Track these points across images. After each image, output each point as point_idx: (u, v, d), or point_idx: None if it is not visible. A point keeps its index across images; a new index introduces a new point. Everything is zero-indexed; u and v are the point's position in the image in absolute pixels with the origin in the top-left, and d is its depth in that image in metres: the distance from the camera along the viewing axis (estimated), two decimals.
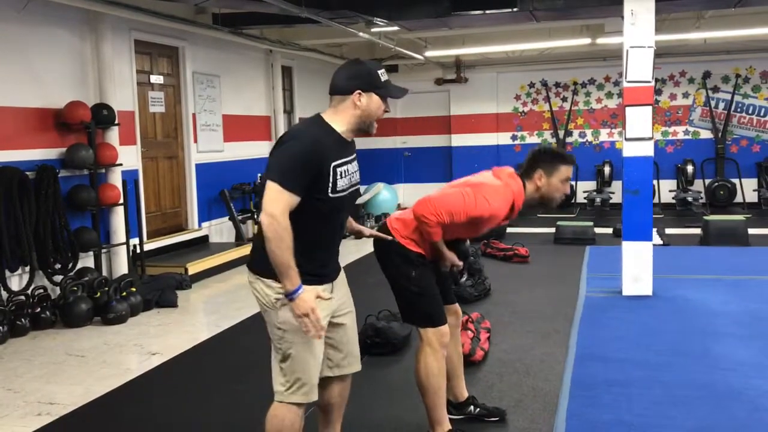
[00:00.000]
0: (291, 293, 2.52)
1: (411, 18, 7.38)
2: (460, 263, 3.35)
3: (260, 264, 2.68)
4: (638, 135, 6.03)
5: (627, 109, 6.04)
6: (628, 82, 6.00)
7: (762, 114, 12.02)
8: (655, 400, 3.82)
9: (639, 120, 6.01)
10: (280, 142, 2.65)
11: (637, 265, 6.14)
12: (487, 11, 7.16)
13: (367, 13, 7.27)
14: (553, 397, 3.92)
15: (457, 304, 3.54)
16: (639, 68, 5.93)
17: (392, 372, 4.46)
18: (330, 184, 2.61)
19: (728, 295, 6.08)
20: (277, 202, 2.50)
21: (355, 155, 2.81)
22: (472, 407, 3.64)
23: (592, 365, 4.40)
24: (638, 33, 5.90)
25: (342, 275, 2.93)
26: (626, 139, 6.08)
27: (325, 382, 2.90)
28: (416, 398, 3.91)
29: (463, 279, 3.64)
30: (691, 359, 4.45)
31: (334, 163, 2.61)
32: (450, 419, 3.35)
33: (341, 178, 2.65)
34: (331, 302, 2.81)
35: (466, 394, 3.65)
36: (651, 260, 6.13)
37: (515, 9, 7.02)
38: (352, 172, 2.75)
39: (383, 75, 2.73)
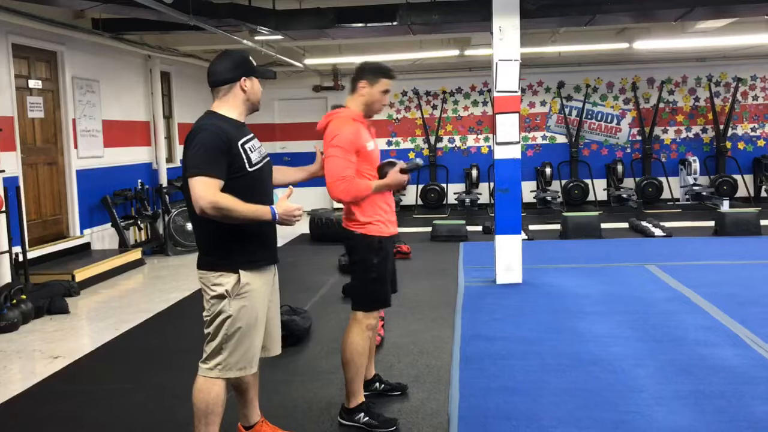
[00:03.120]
0: (273, 218, 2.90)
1: (297, 29, 7.70)
2: (403, 176, 3.59)
3: (211, 258, 2.98)
4: (507, 139, 6.70)
5: (497, 116, 6.69)
6: (498, 92, 6.65)
7: (609, 120, 13.35)
8: (532, 369, 4.39)
9: (508, 126, 6.68)
10: (188, 141, 2.93)
11: (508, 256, 6.81)
12: (369, 24, 7.63)
13: (255, 22, 7.51)
14: (445, 371, 4.41)
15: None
16: (507, 79, 6.60)
17: (298, 359, 4.78)
18: (245, 161, 2.94)
19: (587, 280, 6.88)
20: (209, 190, 2.78)
21: (252, 134, 3.12)
22: (377, 384, 4.05)
23: (477, 343, 4.94)
24: (506, 47, 6.56)
25: (275, 268, 3.24)
26: (497, 143, 6.73)
27: None
28: (323, 380, 4.32)
29: (418, 163, 3.90)
30: (560, 334, 5.10)
31: (240, 143, 2.95)
32: None
33: (252, 152, 2.99)
34: (273, 287, 3.15)
35: (373, 372, 4.06)
36: (520, 252, 6.82)
37: (395, 23, 7.55)
38: (258, 147, 3.09)
39: (252, 59, 3.12)
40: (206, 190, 2.78)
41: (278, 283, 3.28)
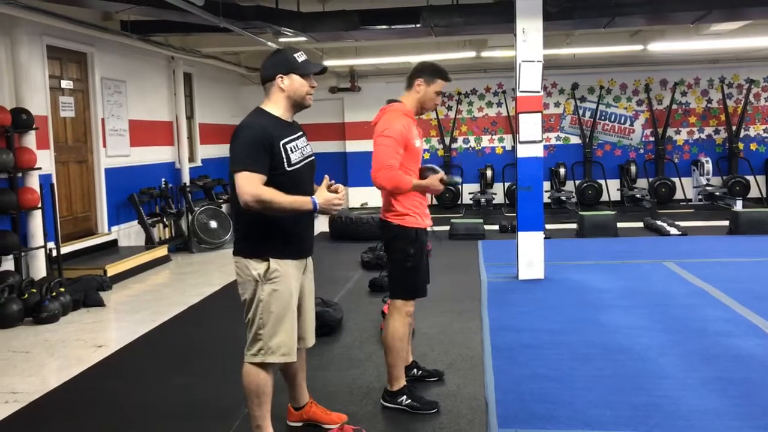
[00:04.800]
0: (314, 208, 3.05)
1: (322, 31, 7.89)
2: (441, 186, 3.78)
3: (246, 247, 3.16)
4: (530, 138, 6.88)
5: (520, 115, 6.86)
6: (521, 92, 6.83)
7: (622, 121, 13.51)
8: (561, 358, 4.56)
9: (530, 125, 6.85)
10: (233, 138, 3.08)
11: (530, 253, 6.98)
12: (392, 26, 7.81)
13: (282, 24, 7.70)
14: (477, 360, 4.58)
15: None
16: (530, 80, 6.78)
17: (333, 348, 4.96)
18: (284, 160, 3.08)
19: (607, 276, 7.05)
20: (252, 184, 2.95)
21: (301, 132, 3.27)
22: (415, 369, 4.23)
23: (506, 334, 5.11)
24: (529, 49, 6.75)
25: (310, 260, 3.39)
26: (520, 142, 6.90)
27: None
28: (360, 367, 4.49)
29: (456, 180, 4.10)
30: (586, 326, 5.27)
31: (282, 142, 3.09)
32: None
33: (292, 152, 3.13)
34: (307, 277, 3.31)
35: (411, 359, 4.24)
36: (542, 248, 6.99)
37: (418, 24, 7.73)
38: (302, 147, 3.22)
39: (300, 56, 3.18)
40: (249, 185, 2.94)
41: (313, 276, 3.42)
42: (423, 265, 3.86)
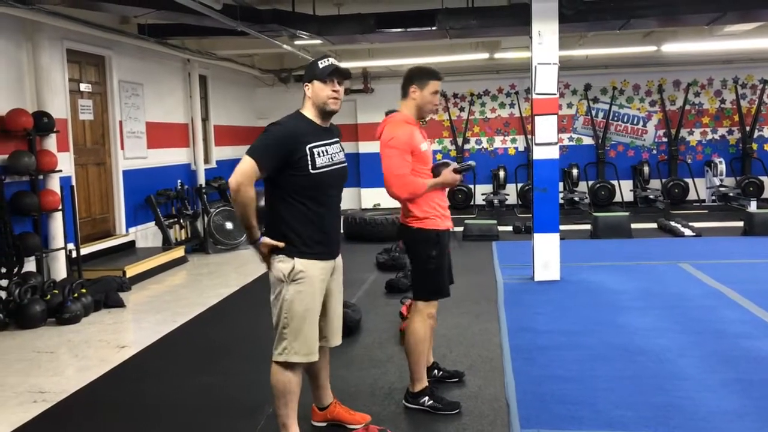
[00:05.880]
0: (252, 240, 3.19)
1: (338, 34, 7.94)
2: (457, 175, 3.86)
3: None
4: (546, 140, 6.92)
5: (536, 117, 6.90)
6: (537, 94, 6.86)
7: (635, 122, 13.51)
8: (581, 359, 4.60)
9: (546, 127, 6.89)
10: (264, 130, 3.21)
11: (546, 254, 7.01)
12: (408, 29, 7.86)
13: (298, 28, 7.77)
14: (497, 361, 4.62)
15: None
16: (546, 82, 6.81)
17: (354, 349, 5.01)
18: (309, 163, 3.16)
19: (623, 277, 7.07)
20: (246, 172, 3.07)
21: (336, 139, 3.37)
22: (436, 371, 4.28)
23: (524, 336, 5.15)
24: (544, 51, 6.77)
25: (339, 261, 3.45)
26: (536, 144, 6.94)
27: None
28: (381, 368, 4.54)
29: (472, 164, 4.20)
30: (603, 327, 5.30)
31: (309, 145, 3.18)
32: None
33: (319, 156, 3.20)
34: (333, 278, 3.37)
35: (432, 360, 4.28)
36: (558, 249, 7.02)
37: (433, 27, 7.77)
38: (332, 153, 3.29)
39: (322, 62, 3.27)
40: (243, 172, 3.08)
41: (341, 278, 3.47)
42: (445, 266, 3.91)
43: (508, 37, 10.05)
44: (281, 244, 3.18)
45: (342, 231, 10.58)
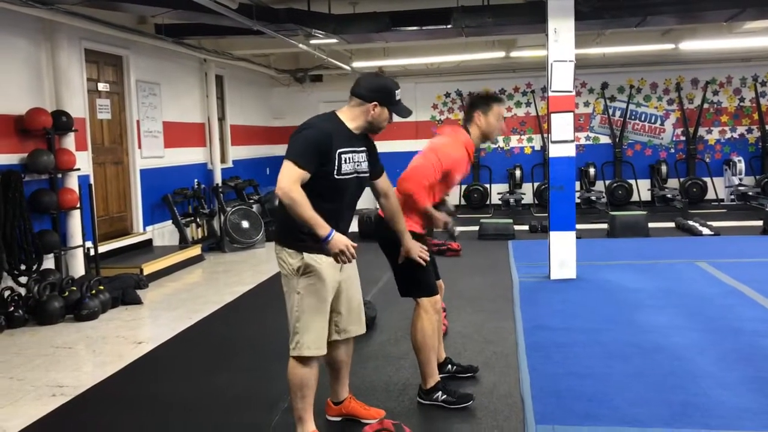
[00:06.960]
0: (324, 238, 3.03)
1: (354, 32, 7.96)
2: (450, 219, 3.92)
3: (283, 237, 3.24)
4: (562, 138, 6.88)
5: (552, 115, 6.87)
6: (553, 92, 6.83)
7: (652, 121, 13.41)
8: (597, 356, 4.57)
9: (562, 125, 6.86)
10: (299, 130, 3.17)
11: (562, 252, 6.98)
12: (423, 27, 7.86)
13: (313, 26, 7.79)
14: (512, 358, 4.61)
15: (440, 280, 4.15)
16: (562, 79, 6.78)
17: (369, 345, 5.01)
18: (335, 168, 3.15)
19: (640, 275, 7.02)
20: (291, 177, 3.02)
21: (364, 149, 3.34)
22: (449, 365, 4.27)
23: (540, 333, 5.13)
24: (560, 49, 6.75)
25: None
26: (552, 142, 6.91)
27: (333, 345, 3.43)
28: (396, 364, 4.54)
29: (456, 233, 4.29)
30: (620, 325, 5.27)
31: (339, 150, 3.16)
32: None
33: (346, 163, 3.20)
34: (341, 272, 3.36)
35: (444, 356, 4.28)
36: (574, 247, 6.99)
37: (449, 26, 7.76)
38: (358, 161, 3.28)
39: (399, 94, 3.32)
40: (289, 177, 3.02)
41: (355, 270, 3.47)
42: (429, 263, 3.89)
43: (524, 35, 10.02)
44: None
45: (357, 230, 10.63)
